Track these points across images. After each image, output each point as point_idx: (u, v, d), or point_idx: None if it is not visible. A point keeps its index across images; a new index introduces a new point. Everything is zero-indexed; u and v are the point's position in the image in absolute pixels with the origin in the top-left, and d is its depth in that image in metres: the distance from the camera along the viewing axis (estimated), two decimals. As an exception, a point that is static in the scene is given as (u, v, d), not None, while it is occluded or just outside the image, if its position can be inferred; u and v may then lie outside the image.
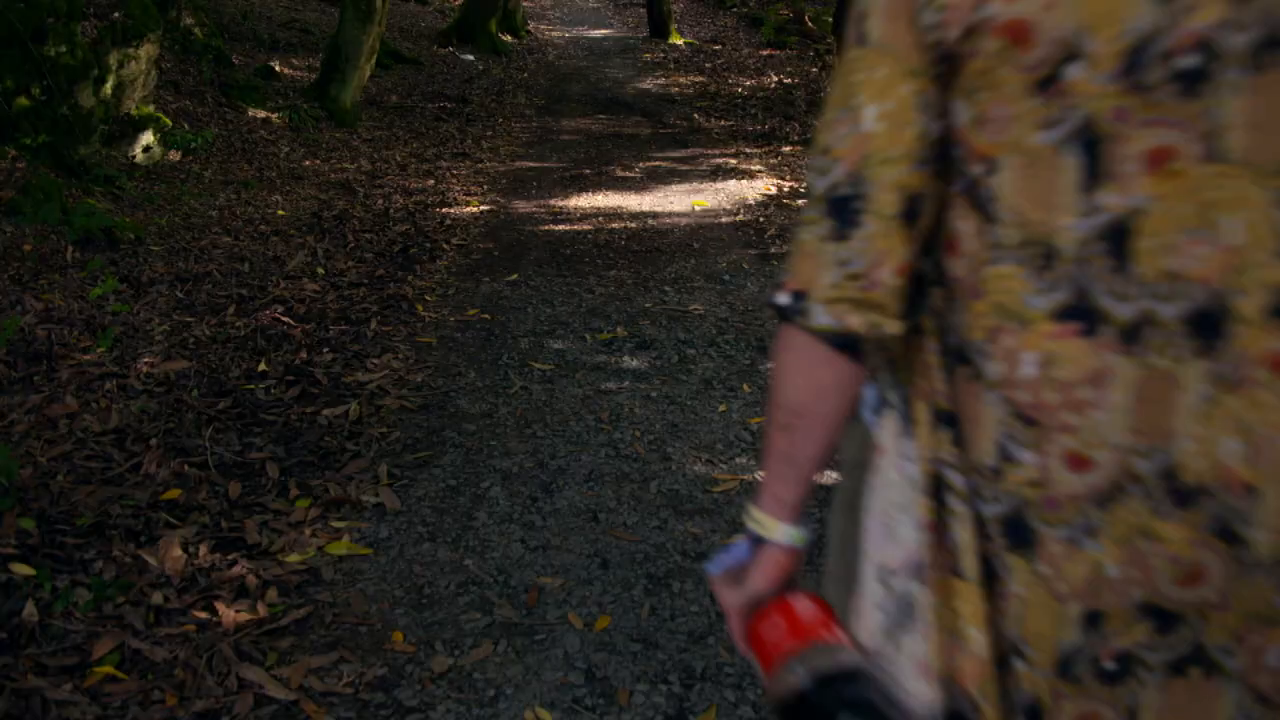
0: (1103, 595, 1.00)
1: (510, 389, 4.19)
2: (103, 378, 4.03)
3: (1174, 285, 0.92)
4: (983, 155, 0.97)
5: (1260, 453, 0.95)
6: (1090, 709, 1.04)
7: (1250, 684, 1.02)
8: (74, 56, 6.92)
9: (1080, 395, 0.96)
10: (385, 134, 10.11)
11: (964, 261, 1.01)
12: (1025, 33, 0.90)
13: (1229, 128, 0.89)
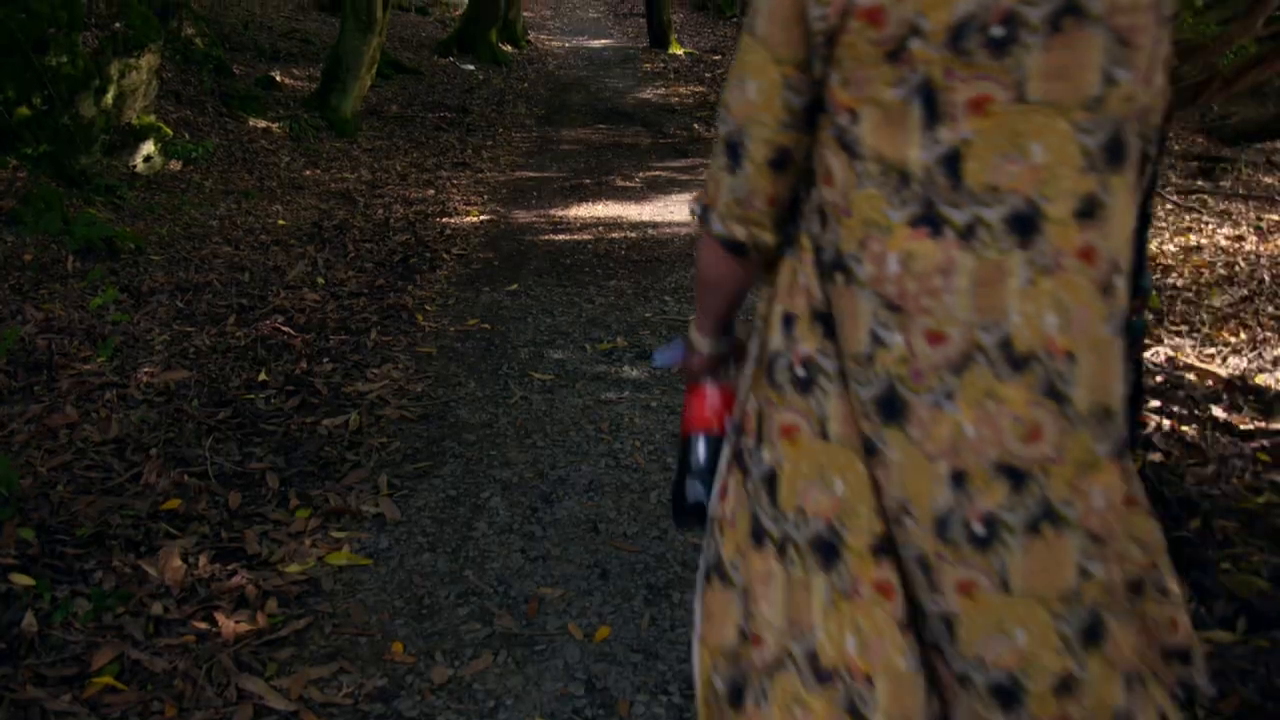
0: (963, 454, 1.26)
1: (510, 399, 4.19)
2: (103, 388, 4.04)
3: (995, 195, 1.21)
4: (848, 108, 1.27)
5: (1073, 324, 1.23)
6: (969, 576, 1.28)
7: (1085, 527, 1.28)
8: (75, 66, 6.93)
9: (933, 283, 1.24)
10: (385, 144, 10.13)
11: (837, 190, 1.31)
12: (879, 16, 1.20)
13: (1030, 78, 1.18)
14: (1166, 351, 4.82)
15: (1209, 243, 7.31)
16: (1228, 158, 11.28)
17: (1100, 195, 1.23)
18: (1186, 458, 3.70)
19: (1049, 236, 1.22)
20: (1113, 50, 1.20)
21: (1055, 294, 1.23)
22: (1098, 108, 1.21)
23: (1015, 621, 1.30)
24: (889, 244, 1.26)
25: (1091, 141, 1.22)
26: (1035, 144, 1.21)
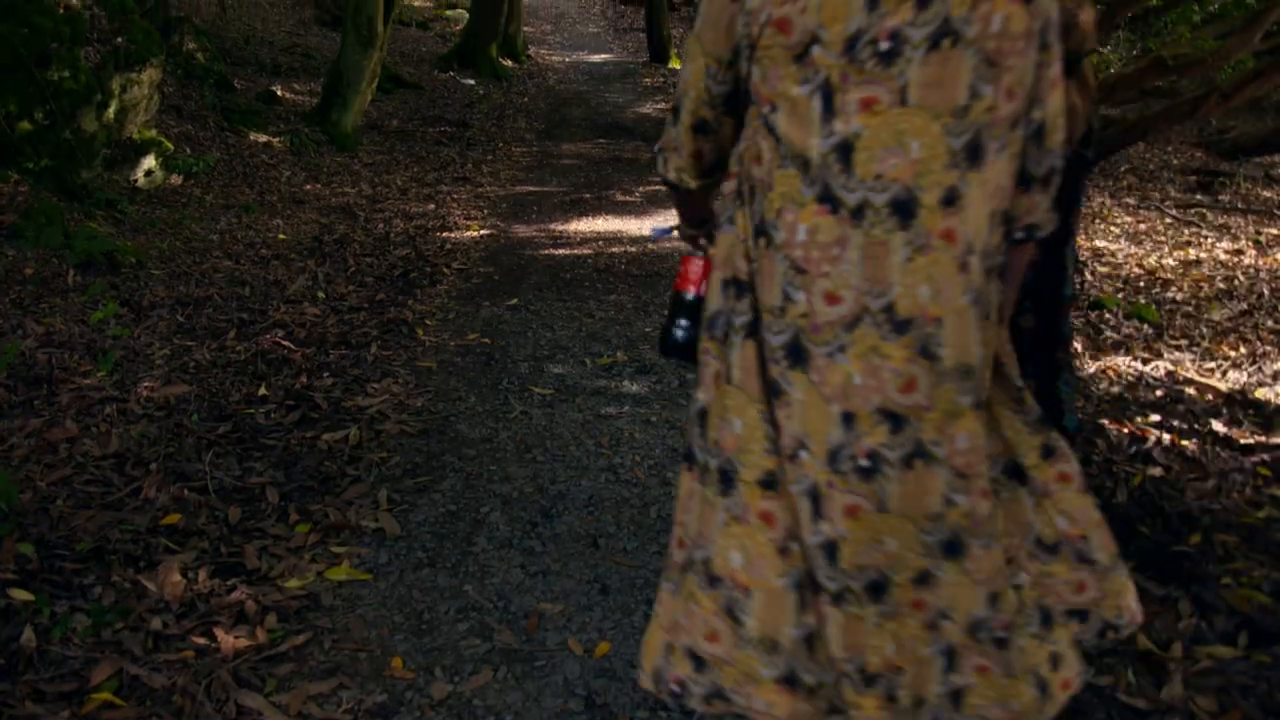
0: (852, 399, 1.56)
1: (510, 414, 4.19)
2: (103, 402, 4.04)
3: (880, 182, 1.49)
4: (768, 100, 1.56)
5: (941, 295, 1.51)
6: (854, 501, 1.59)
7: (951, 465, 1.58)
8: (77, 81, 6.95)
9: (832, 252, 1.53)
10: (386, 158, 10.15)
11: (764, 167, 1.60)
12: (787, 25, 1.48)
13: (911, 85, 1.45)
14: (1166, 366, 4.82)
15: (1208, 257, 7.32)
16: (1226, 172, 11.30)
17: (960, 187, 1.51)
18: (1187, 472, 3.70)
19: (922, 220, 1.50)
20: (980, 69, 1.47)
21: (927, 269, 1.52)
22: (963, 115, 1.48)
23: (888, 534, 1.62)
24: (800, 216, 1.55)
25: (956, 143, 1.49)
26: (914, 141, 1.48)
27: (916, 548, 1.63)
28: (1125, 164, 11.86)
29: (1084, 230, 8.00)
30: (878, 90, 1.47)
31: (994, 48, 1.47)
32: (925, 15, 1.44)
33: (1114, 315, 5.56)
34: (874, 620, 1.65)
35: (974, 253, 1.54)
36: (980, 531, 1.64)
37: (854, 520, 1.60)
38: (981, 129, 1.50)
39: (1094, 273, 6.62)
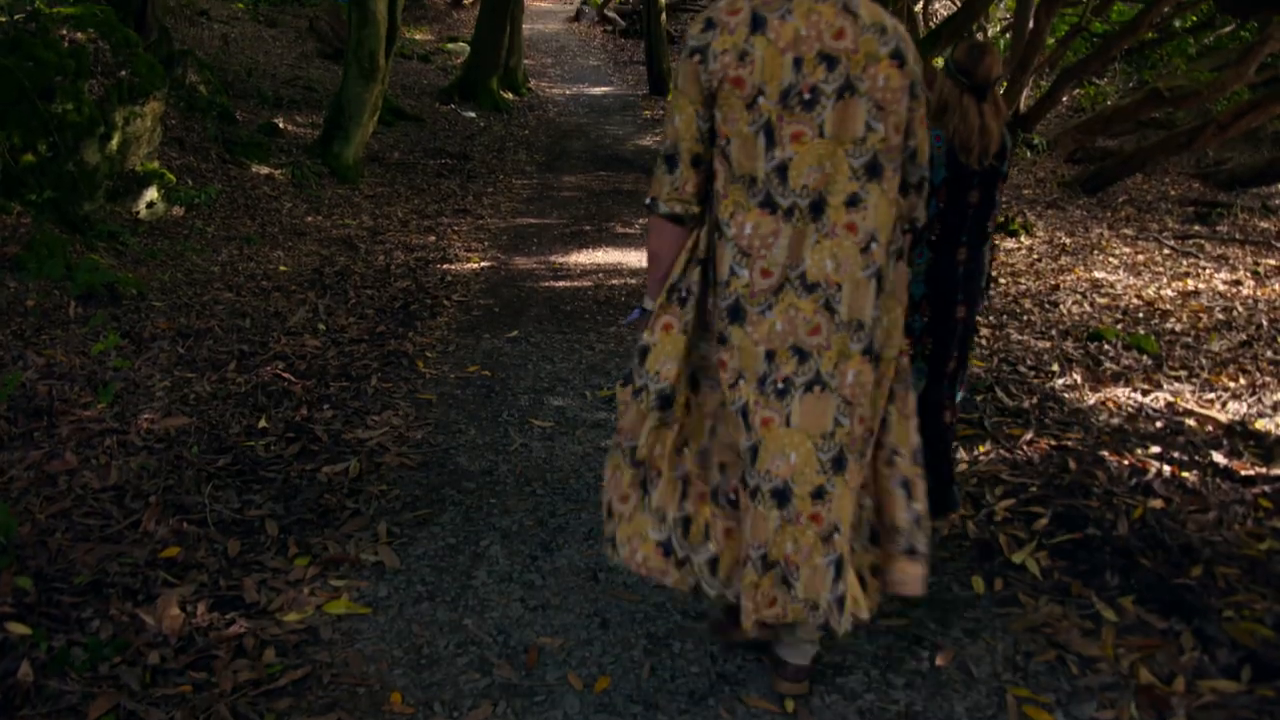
0: (774, 341, 2.24)
1: (510, 446, 4.19)
2: (103, 434, 4.03)
3: (805, 190, 2.16)
4: (725, 135, 2.20)
5: (841, 267, 2.19)
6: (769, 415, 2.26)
7: (841, 394, 2.25)
8: (80, 114, 7.00)
9: (767, 241, 2.20)
10: (387, 190, 10.19)
11: (720, 184, 2.23)
12: (741, 83, 2.13)
13: (826, 123, 2.12)
14: (1166, 397, 4.82)
15: (1207, 287, 7.33)
16: (1224, 203, 11.35)
17: (860, 194, 2.21)
18: (1187, 504, 3.69)
19: (829, 215, 2.21)
20: (872, 111, 2.18)
21: (832, 250, 2.22)
22: (862, 144, 2.19)
23: (791, 447, 2.28)
24: (746, 217, 2.23)
25: (857, 163, 2.20)
26: (828, 162, 2.19)
27: (814, 464, 2.29)
28: (1123, 195, 11.91)
29: (1082, 262, 8.03)
30: (803, 127, 2.17)
31: (881, 97, 2.18)
32: (833, 75, 2.15)
33: (1113, 346, 5.57)
34: (776, 522, 2.32)
35: (877, 241, 2.24)
36: (854, 449, 2.33)
37: (768, 430, 2.30)
38: (878, 153, 2.21)
39: (1093, 304, 6.63)
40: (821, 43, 2.14)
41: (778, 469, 2.28)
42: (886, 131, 2.18)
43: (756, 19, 2.15)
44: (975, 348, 3.62)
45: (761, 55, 2.14)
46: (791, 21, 2.14)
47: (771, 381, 2.27)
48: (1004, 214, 9.87)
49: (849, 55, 2.14)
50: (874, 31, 2.16)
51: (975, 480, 3.92)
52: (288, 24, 18.19)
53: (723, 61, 2.16)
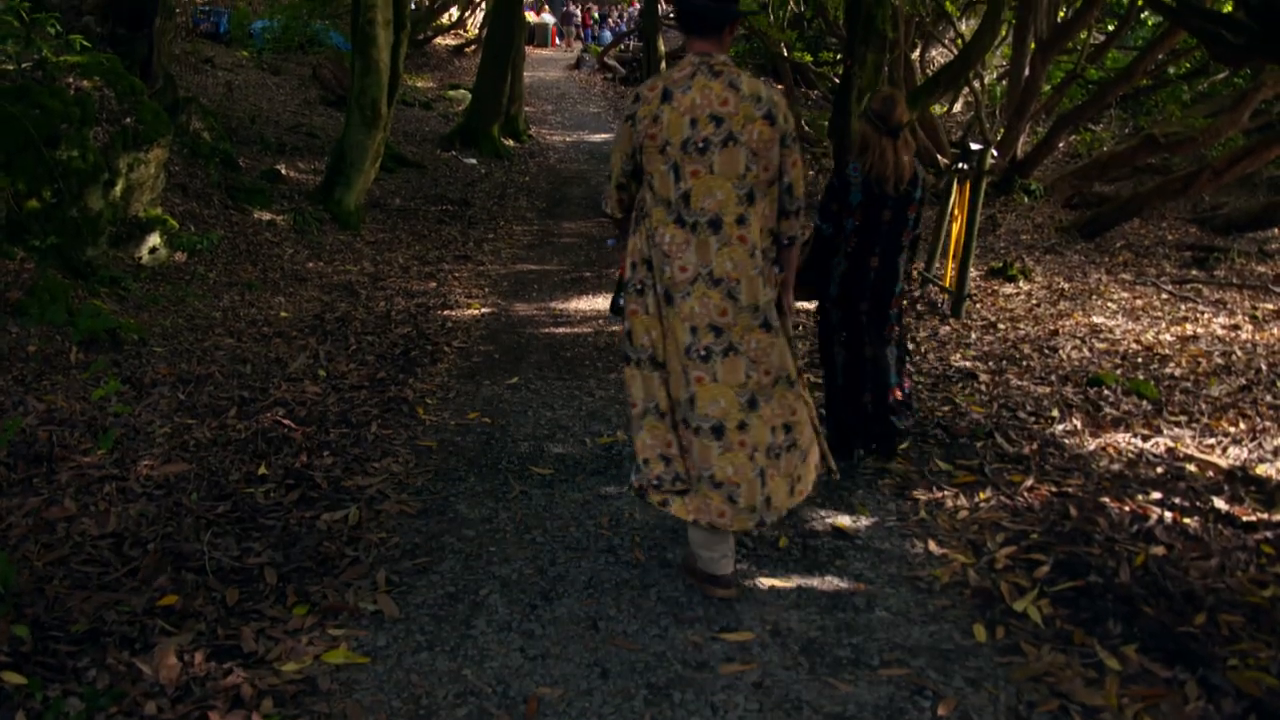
0: (695, 319, 3.13)
1: (510, 494, 4.18)
2: (102, 480, 4.03)
3: (704, 212, 3.06)
4: (649, 172, 3.12)
5: (737, 267, 3.09)
6: (700, 374, 3.15)
7: (749, 356, 3.16)
8: (85, 161, 7.05)
9: (681, 247, 3.09)
10: (388, 236, 10.25)
11: (648, 205, 3.15)
12: (654, 137, 3.06)
13: (715, 164, 3.04)
14: (1166, 442, 4.82)
15: (1205, 332, 7.34)
16: (1221, 247, 11.39)
17: (746, 214, 3.08)
18: (1189, 551, 3.68)
19: (725, 230, 3.07)
20: (749, 157, 3.05)
21: (730, 255, 3.09)
22: (743, 179, 3.06)
23: (719, 396, 3.16)
24: (667, 230, 3.11)
25: (740, 193, 3.07)
26: (719, 192, 3.06)
27: (736, 405, 3.19)
28: (1121, 240, 11.97)
29: (1081, 307, 8.05)
30: (699, 167, 3.07)
31: (755, 146, 3.08)
32: (719, 130, 3.05)
33: (1113, 391, 5.57)
34: (717, 450, 3.21)
35: (757, 248, 3.15)
36: (764, 393, 3.22)
37: (700, 386, 3.19)
38: (754, 186, 3.11)
39: (1092, 349, 6.64)
40: (711, 108, 3.05)
41: (712, 412, 3.20)
42: (759, 170, 3.11)
43: (666, 92, 3.10)
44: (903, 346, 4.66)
45: (668, 118, 3.07)
46: (690, 94, 3.07)
47: (696, 349, 3.17)
48: (1002, 259, 9.92)
49: (731, 116, 3.06)
50: (751, 100, 3.07)
51: (976, 527, 3.91)
52: (291, 71, 18.38)
53: (644, 124, 3.11)
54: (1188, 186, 12.05)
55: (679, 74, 3.10)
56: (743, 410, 3.18)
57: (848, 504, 4.14)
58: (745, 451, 3.19)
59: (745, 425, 3.18)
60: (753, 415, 3.19)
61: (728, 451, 3.19)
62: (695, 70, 3.08)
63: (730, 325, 3.13)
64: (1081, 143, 16.78)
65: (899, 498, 4.21)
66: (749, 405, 3.18)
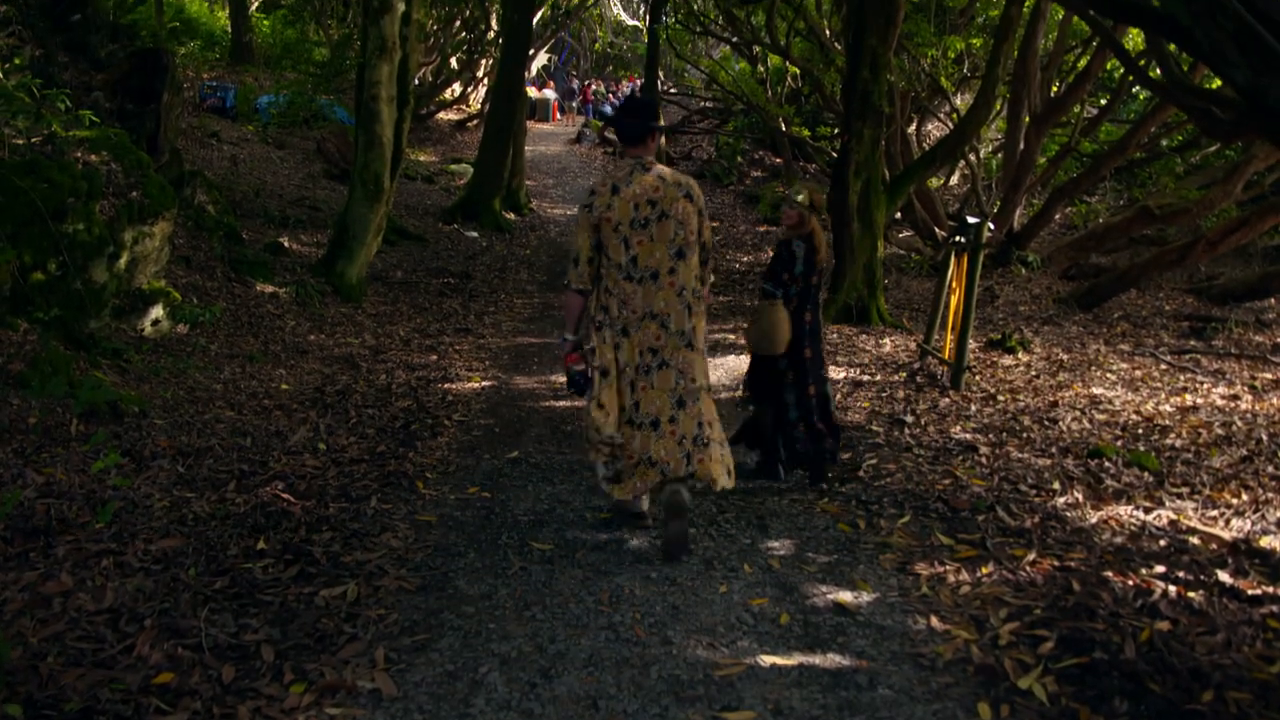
0: (642, 344, 4.32)
1: (509, 569, 4.16)
2: (100, 554, 4.00)
3: (647, 269, 4.27)
4: (605, 243, 4.32)
5: (669, 304, 4.30)
6: (645, 383, 4.32)
7: (677, 368, 4.33)
8: (91, 234, 7.13)
9: (632, 296, 4.30)
10: (389, 309, 10.30)
11: (606, 270, 4.35)
12: (609, 220, 4.25)
13: (653, 234, 4.26)
14: (1169, 515, 4.80)
15: (1205, 402, 7.35)
16: (1218, 317, 11.45)
17: (675, 267, 4.28)
18: (1195, 626, 3.64)
19: (660, 280, 4.27)
20: (678, 226, 4.27)
21: (663, 296, 4.28)
22: (673, 242, 4.26)
23: (656, 399, 4.31)
24: (620, 286, 4.29)
25: (672, 251, 4.27)
26: (657, 253, 4.26)
27: (669, 405, 4.27)
28: (1118, 311, 12.04)
29: (1080, 378, 8.07)
30: (642, 238, 4.21)
31: (681, 218, 4.24)
32: (655, 210, 4.20)
33: (1114, 463, 5.56)
34: (654, 438, 4.27)
35: (685, 290, 4.28)
36: (690, 395, 4.29)
37: (642, 392, 4.29)
38: (682, 246, 4.25)
39: (1092, 420, 6.64)
40: (647, 195, 4.26)
41: (652, 410, 4.33)
42: (685, 235, 4.30)
43: (614, 187, 4.30)
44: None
45: (618, 205, 4.25)
46: (631, 186, 4.28)
47: (643, 366, 4.33)
48: (1001, 331, 9.97)
49: (662, 199, 4.26)
50: (674, 185, 4.30)
51: (979, 602, 3.88)
52: (295, 145, 18.64)
53: (599, 210, 4.27)
54: (1184, 257, 12.15)
55: (621, 173, 4.33)
56: (673, 408, 4.33)
57: (849, 579, 4.11)
58: (675, 438, 4.31)
59: (675, 419, 4.32)
60: (680, 412, 4.33)
61: (662, 439, 4.31)
62: (633, 169, 4.32)
63: (663, 346, 4.32)
64: (1077, 215, 16.96)
65: (900, 572, 4.18)
66: (678, 405, 4.34)
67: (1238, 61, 3.61)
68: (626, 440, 4.33)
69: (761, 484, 5.35)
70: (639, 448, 4.31)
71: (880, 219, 11.09)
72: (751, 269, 14.57)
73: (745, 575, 4.14)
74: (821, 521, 4.78)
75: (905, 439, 6.17)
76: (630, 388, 4.33)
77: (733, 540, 4.52)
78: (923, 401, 7.11)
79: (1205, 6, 3.64)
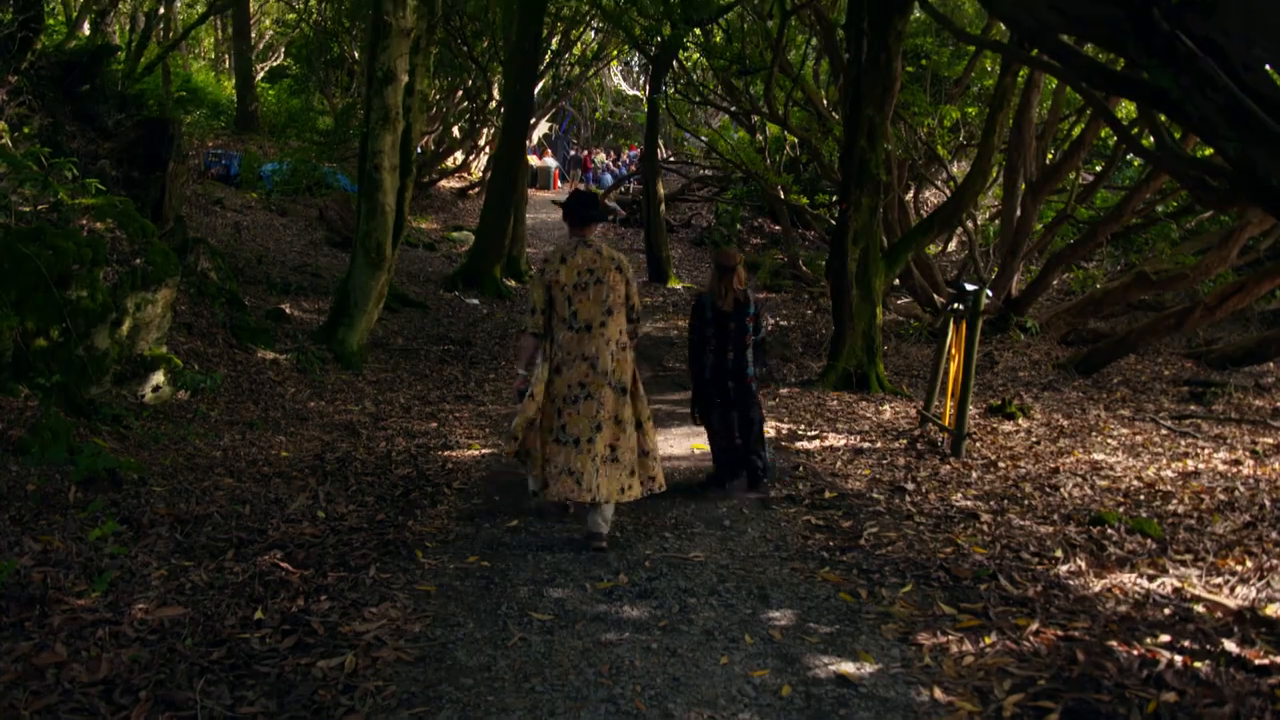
0: (572, 379, 5.45)
1: (509, 640, 4.11)
2: (95, 624, 3.97)
3: (584, 321, 5.46)
4: (554, 301, 5.50)
5: (598, 350, 5.46)
6: (570, 411, 5.43)
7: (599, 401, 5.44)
8: (94, 300, 7.17)
9: (571, 343, 5.46)
10: (390, 376, 10.32)
11: (554, 322, 5.52)
12: (558, 283, 5.48)
13: (590, 293, 5.47)
14: (1173, 582, 4.76)
15: (1206, 467, 7.33)
16: (1217, 382, 11.46)
17: (605, 321, 5.47)
18: (1202, 697, 3.60)
19: (594, 331, 5.45)
20: (607, 289, 5.48)
21: (594, 343, 5.45)
22: (605, 301, 5.47)
23: (580, 423, 5.42)
24: (562, 335, 5.46)
25: (603, 309, 5.46)
26: (592, 309, 5.45)
27: (588, 429, 5.38)
28: (1118, 376, 12.06)
29: (1081, 443, 8.06)
30: (582, 297, 5.43)
31: (611, 283, 5.48)
32: (592, 276, 5.45)
33: (1116, 530, 5.54)
34: (574, 454, 5.36)
35: (613, 341, 5.47)
36: (606, 424, 5.43)
37: (568, 417, 5.40)
38: (611, 305, 5.46)
39: (1093, 486, 6.63)
40: (587, 265, 5.44)
41: (575, 431, 5.38)
42: (614, 297, 5.45)
43: (563, 257, 5.47)
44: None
45: (564, 271, 5.42)
46: (576, 257, 5.45)
47: (570, 396, 5.39)
48: (1000, 397, 9.98)
49: (597, 268, 5.43)
50: (608, 259, 5.48)
51: (982, 673, 3.84)
52: (298, 213, 18.82)
53: (550, 274, 5.44)
54: (1181, 322, 12.21)
55: (567, 247, 5.53)
56: (590, 432, 5.39)
57: (851, 650, 4.08)
58: (589, 455, 5.36)
59: (591, 440, 5.38)
60: (596, 435, 5.39)
61: (580, 455, 5.36)
62: (577, 245, 5.51)
63: (590, 382, 5.42)
64: (1075, 280, 17.06)
65: (903, 643, 4.14)
66: (595, 429, 5.39)
67: (1228, 134, 3.67)
68: (552, 455, 5.42)
69: (761, 552, 5.32)
70: (562, 461, 5.38)
71: (879, 286, 11.17)
72: (751, 335, 14.62)
73: (746, 646, 4.10)
74: (823, 591, 4.75)
75: (906, 506, 6.15)
76: (558, 413, 5.43)
77: (733, 610, 4.49)
78: (923, 468, 7.09)
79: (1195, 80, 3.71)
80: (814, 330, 15.07)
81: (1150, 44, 3.91)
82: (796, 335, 14.68)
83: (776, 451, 7.71)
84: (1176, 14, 3.75)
